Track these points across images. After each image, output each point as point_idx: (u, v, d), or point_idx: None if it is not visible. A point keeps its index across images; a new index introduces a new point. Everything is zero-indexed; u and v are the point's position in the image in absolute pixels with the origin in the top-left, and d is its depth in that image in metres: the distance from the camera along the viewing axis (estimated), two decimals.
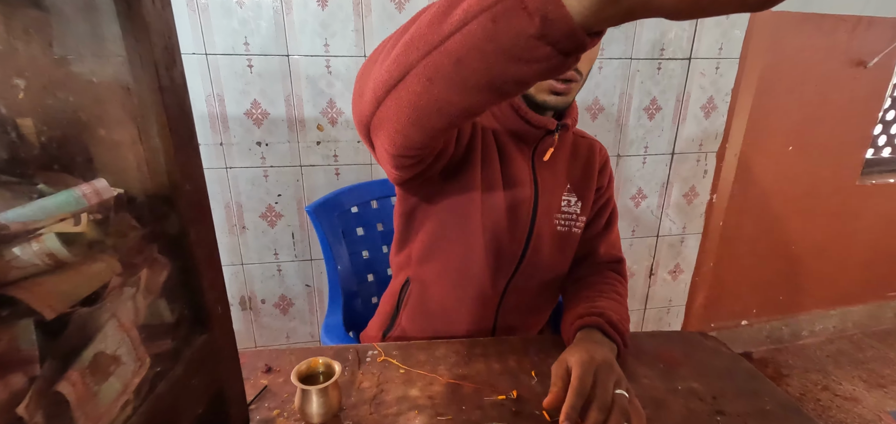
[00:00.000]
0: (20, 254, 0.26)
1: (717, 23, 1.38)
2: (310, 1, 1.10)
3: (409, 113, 0.43)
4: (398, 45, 0.40)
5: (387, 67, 0.41)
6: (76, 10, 0.33)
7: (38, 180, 0.32)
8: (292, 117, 1.20)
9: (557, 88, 0.67)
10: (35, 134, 0.33)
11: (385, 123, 0.46)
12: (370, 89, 0.45)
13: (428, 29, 0.37)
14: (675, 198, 1.57)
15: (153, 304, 0.38)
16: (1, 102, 0.31)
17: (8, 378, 0.25)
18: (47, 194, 0.32)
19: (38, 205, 0.28)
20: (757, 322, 1.87)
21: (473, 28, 0.34)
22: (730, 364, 0.69)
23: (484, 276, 0.75)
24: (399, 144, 0.49)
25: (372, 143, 0.54)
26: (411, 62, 0.39)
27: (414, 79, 0.40)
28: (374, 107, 0.45)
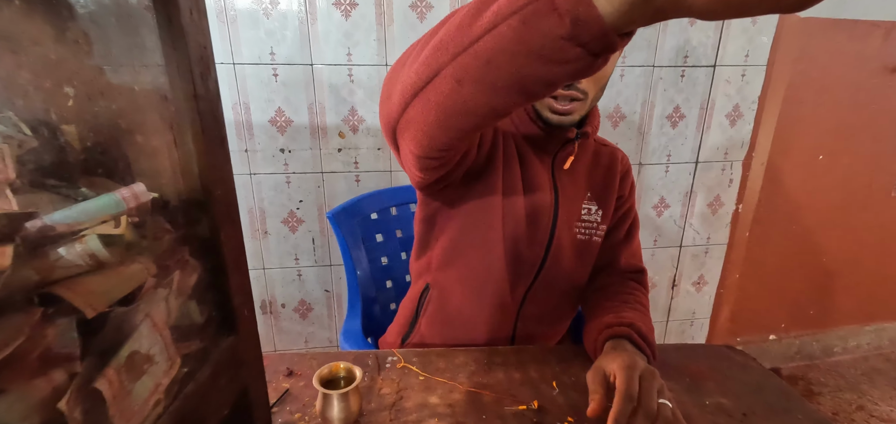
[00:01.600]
0: (65, 255, 0.27)
1: (743, 30, 1.35)
2: (334, 11, 1.12)
3: (436, 114, 0.43)
4: (427, 47, 0.41)
5: (415, 69, 0.42)
6: (119, 22, 0.34)
7: (81, 184, 0.34)
8: (315, 125, 1.22)
9: (556, 108, 0.67)
10: (78, 140, 0.34)
11: (412, 124, 0.47)
12: (398, 91, 0.46)
13: (457, 31, 0.38)
14: (700, 207, 1.54)
15: (183, 306, 0.39)
16: (51, 110, 0.32)
17: (51, 374, 0.25)
18: (89, 197, 0.33)
19: (81, 207, 0.29)
20: (786, 337, 1.80)
21: (503, 30, 0.34)
22: (760, 379, 0.66)
23: (503, 283, 0.75)
24: (425, 146, 0.49)
25: (397, 145, 0.54)
26: (441, 64, 0.39)
27: (443, 81, 0.40)
28: (402, 108, 0.46)
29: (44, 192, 0.31)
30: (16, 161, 0.30)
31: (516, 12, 0.33)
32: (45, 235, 0.27)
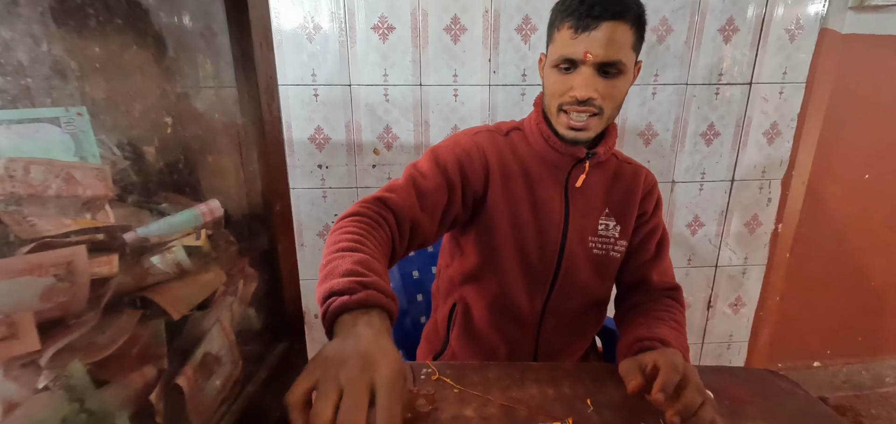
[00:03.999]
0: (156, 263, 0.31)
1: (781, 47, 1.33)
2: (372, 34, 1.18)
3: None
4: (320, 266, 0.52)
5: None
6: (198, 54, 0.38)
7: (160, 200, 0.38)
8: (351, 142, 1.27)
9: (573, 124, 0.70)
10: (158, 159, 0.38)
11: None
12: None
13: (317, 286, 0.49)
14: (736, 227, 1.50)
15: (244, 312, 0.43)
16: (137, 133, 0.36)
17: (144, 370, 0.29)
18: (168, 212, 0.37)
19: (168, 221, 0.33)
20: (832, 364, 1.71)
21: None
22: (805, 407, 0.65)
23: (520, 295, 0.78)
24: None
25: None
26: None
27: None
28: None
29: (129, 207, 0.35)
30: (112, 179, 0.34)
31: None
32: (142, 246, 0.31)
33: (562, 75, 0.68)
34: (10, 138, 0.31)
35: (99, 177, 0.33)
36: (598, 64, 0.65)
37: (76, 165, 0.32)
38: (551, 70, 0.70)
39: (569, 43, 0.65)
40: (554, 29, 0.69)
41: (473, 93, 1.26)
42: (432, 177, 0.70)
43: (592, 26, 0.63)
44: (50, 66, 0.32)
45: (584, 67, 0.66)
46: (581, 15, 0.63)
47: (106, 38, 0.35)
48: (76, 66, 0.34)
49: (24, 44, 0.30)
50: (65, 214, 0.30)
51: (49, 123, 0.33)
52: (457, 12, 1.19)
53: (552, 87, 0.70)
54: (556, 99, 0.70)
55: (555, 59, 0.68)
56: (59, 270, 0.22)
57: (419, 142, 1.29)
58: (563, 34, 0.66)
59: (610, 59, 0.65)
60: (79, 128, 0.34)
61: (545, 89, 0.74)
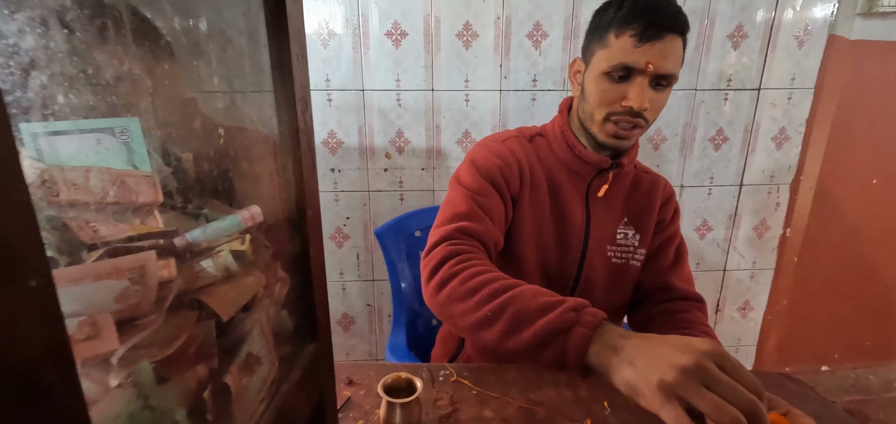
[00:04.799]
0: (206, 267, 0.32)
1: (789, 53, 1.34)
2: (385, 41, 1.20)
3: (474, 340, 0.65)
4: (475, 335, 0.59)
5: (468, 326, 0.59)
6: (237, 64, 0.40)
7: (201, 206, 0.39)
8: (363, 146, 1.29)
9: (619, 133, 0.69)
10: (198, 167, 0.40)
11: (456, 328, 0.64)
12: (452, 326, 0.63)
13: (500, 336, 0.55)
14: (745, 231, 1.51)
15: (277, 314, 0.44)
16: (179, 141, 0.38)
17: (198, 368, 0.30)
18: (210, 217, 0.38)
19: (214, 226, 0.35)
20: (840, 368, 1.72)
21: (528, 352, 0.54)
22: (819, 409, 0.65)
23: None
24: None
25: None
26: (485, 338, 0.57)
27: (482, 342, 0.60)
28: (456, 329, 0.63)
29: (173, 212, 0.37)
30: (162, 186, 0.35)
31: (539, 354, 0.53)
32: (193, 250, 0.32)
33: (614, 84, 0.66)
34: (71, 147, 0.33)
35: (149, 184, 0.34)
36: (655, 75, 0.64)
37: (130, 173, 0.34)
38: (601, 77, 0.67)
39: (631, 51, 0.63)
40: (609, 34, 0.66)
41: (484, 99, 1.28)
42: (487, 192, 0.70)
43: (657, 37, 0.62)
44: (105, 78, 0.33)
45: (641, 77, 0.64)
46: (647, 24, 0.62)
47: (154, 51, 0.37)
48: (127, 78, 0.36)
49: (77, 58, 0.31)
50: (122, 220, 0.32)
51: (105, 133, 0.34)
52: (469, 19, 1.21)
53: (601, 95, 0.68)
54: (605, 107, 0.68)
55: (609, 66, 0.66)
56: (133, 274, 0.24)
57: (431, 147, 1.31)
58: (623, 42, 0.64)
59: (668, 71, 0.64)
60: (131, 137, 0.35)
61: (589, 96, 0.70)
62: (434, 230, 0.69)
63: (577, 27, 1.24)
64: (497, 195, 0.71)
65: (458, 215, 0.68)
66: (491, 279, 0.57)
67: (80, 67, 0.32)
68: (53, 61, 0.28)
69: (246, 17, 0.40)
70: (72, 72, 0.31)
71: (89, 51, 0.32)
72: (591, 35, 0.71)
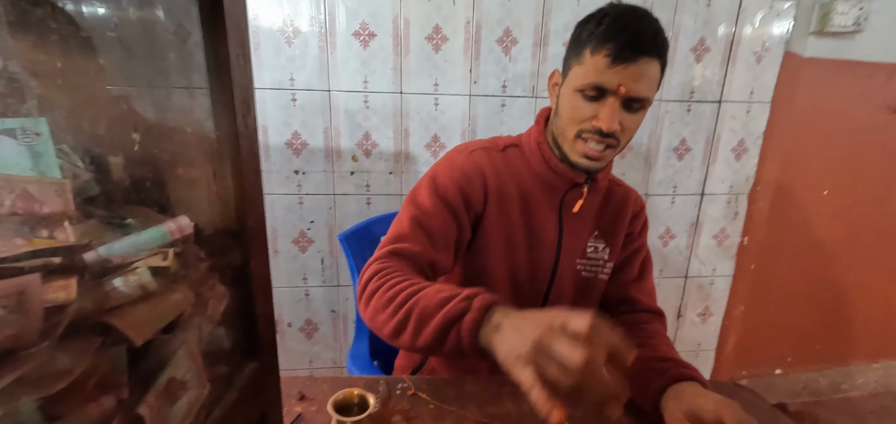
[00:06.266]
0: (119, 286, 0.29)
1: (748, 68, 1.38)
2: (353, 41, 1.17)
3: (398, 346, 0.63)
4: (396, 340, 0.60)
5: (388, 334, 0.61)
6: (168, 62, 0.37)
7: (125, 214, 0.36)
8: (329, 148, 1.25)
9: (590, 153, 0.68)
10: (124, 171, 0.36)
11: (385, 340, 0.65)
12: (378, 330, 0.63)
13: (409, 337, 0.58)
14: (705, 239, 1.55)
15: (212, 332, 0.41)
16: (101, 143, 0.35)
17: (102, 400, 0.27)
18: (134, 228, 0.35)
19: (132, 240, 0.31)
20: (792, 371, 1.79)
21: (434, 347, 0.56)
22: (767, 417, 0.67)
23: None
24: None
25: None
26: (403, 343, 0.59)
27: (405, 348, 0.61)
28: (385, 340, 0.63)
29: (92, 222, 0.33)
30: (73, 193, 0.32)
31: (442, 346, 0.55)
32: (103, 267, 0.29)
33: (586, 102, 0.65)
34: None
35: (58, 193, 0.31)
36: (627, 98, 0.63)
37: (33, 180, 0.30)
38: (574, 94, 0.66)
39: (604, 71, 0.62)
40: (585, 51, 0.65)
41: (454, 103, 1.27)
42: (436, 213, 0.70)
43: (631, 59, 0.61)
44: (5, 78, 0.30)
45: (613, 99, 0.63)
46: (623, 44, 0.61)
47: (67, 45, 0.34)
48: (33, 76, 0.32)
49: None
50: (19, 233, 0.29)
51: (4, 136, 0.31)
52: (439, 22, 1.19)
53: (573, 113, 0.67)
54: (575, 125, 0.67)
55: (582, 84, 0.65)
56: (9, 301, 0.21)
57: (399, 150, 1.28)
58: (597, 61, 0.63)
59: (641, 95, 0.64)
60: (37, 140, 0.32)
61: (562, 112, 0.70)
62: (376, 251, 0.71)
63: (547, 35, 1.25)
64: (450, 216, 0.71)
65: (397, 236, 0.69)
66: (404, 286, 0.59)
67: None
68: None
69: (179, 7, 0.36)
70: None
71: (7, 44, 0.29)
72: (571, 48, 0.69)
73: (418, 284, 0.60)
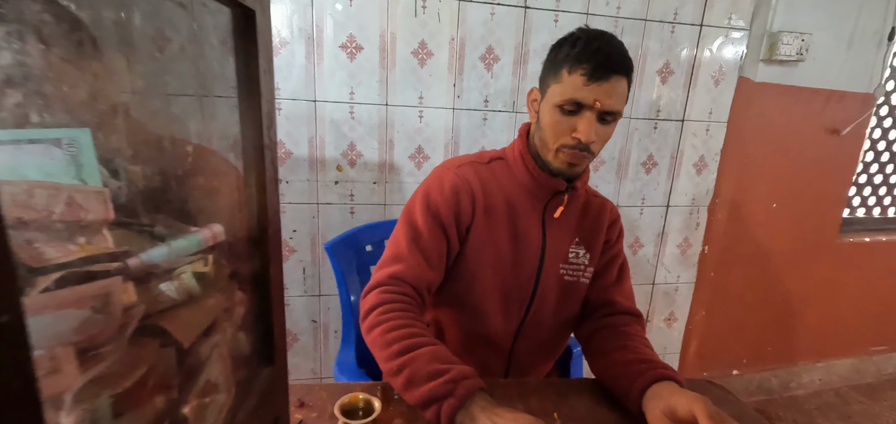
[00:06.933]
0: (167, 290, 0.30)
1: (707, 90, 1.50)
2: (340, 53, 1.18)
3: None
4: (390, 379, 0.67)
5: (383, 371, 0.69)
6: (206, 79, 0.38)
7: (153, 222, 0.37)
8: (314, 158, 1.25)
9: (571, 161, 0.74)
10: (148, 180, 0.37)
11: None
12: (376, 356, 0.71)
13: (400, 388, 0.64)
14: (670, 248, 1.65)
15: (234, 337, 0.42)
16: (132, 154, 0.36)
17: (155, 399, 0.28)
18: (163, 235, 0.36)
19: (173, 246, 0.33)
20: (747, 372, 1.92)
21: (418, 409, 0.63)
22: (737, 411, 0.73)
23: (496, 321, 0.81)
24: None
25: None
26: (390, 382, 0.66)
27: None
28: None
29: (122, 230, 0.34)
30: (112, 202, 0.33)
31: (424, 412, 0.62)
32: (150, 272, 0.30)
33: (565, 116, 0.71)
34: (11, 160, 0.29)
35: (99, 201, 0.32)
36: (602, 112, 0.70)
37: (78, 188, 0.31)
38: (553, 109, 0.72)
39: (581, 88, 0.69)
40: (562, 70, 0.71)
41: (438, 116, 1.30)
42: (430, 232, 0.76)
43: (604, 77, 0.68)
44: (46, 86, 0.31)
45: (589, 113, 0.70)
46: (596, 65, 0.68)
47: (102, 56, 0.35)
48: (72, 86, 0.33)
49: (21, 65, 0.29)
50: (68, 240, 0.30)
51: (51, 145, 0.31)
52: (424, 38, 1.23)
53: (554, 127, 0.73)
54: (557, 138, 0.73)
55: (561, 100, 0.71)
56: (97, 302, 0.22)
57: (383, 161, 1.30)
58: (574, 79, 0.69)
59: (614, 109, 0.70)
60: (80, 149, 0.32)
61: (543, 126, 0.75)
62: (377, 269, 0.76)
63: (527, 54, 1.31)
64: (441, 235, 0.77)
65: (396, 256, 0.75)
66: (403, 335, 0.66)
67: (22, 72, 0.29)
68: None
69: (216, 24, 0.38)
70: (15, 76, 0.29)
71: (38, 56, 0.29)
72: (548, 68, 0.76)
73: (417, 337, 0.66)
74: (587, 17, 1.33)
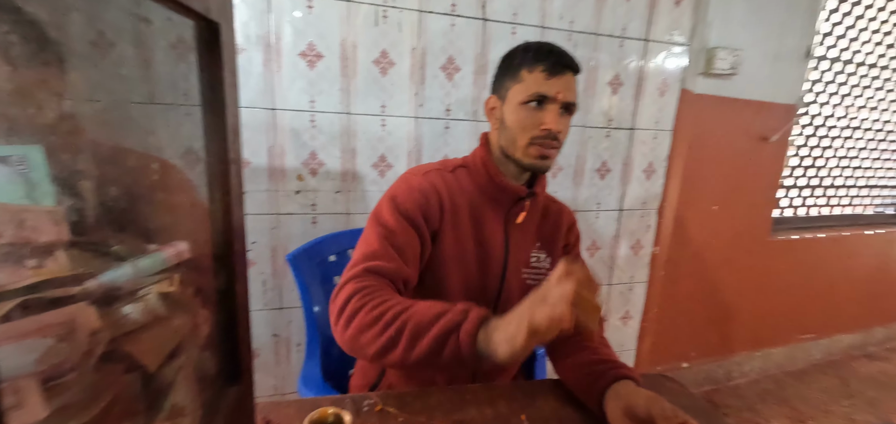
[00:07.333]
0: (130, 313, 0.29)
1: (653, 100, 1.60)
2: (299, 61, 1.16)
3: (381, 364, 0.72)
4: (384, 359, 0.64)
5: (375, 352, 0.64)
6: (168, 92, 0.37)
7: (110, 242, 0.35)
8: (274, 167, 1.22)
9: (544, 153, 0.77)
10: (108, 198, 0.36)
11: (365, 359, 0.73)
12: (365, 359, 0.73)
13: (402, 352, 0.62)
14: (624, 249, 1.74)
15: (200, 357, 0.40)
16: (89, 170, 0.34)
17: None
18: (122, 255, 0.34)
19: (135, 266, 0.31)
20: (696, 364, 2.05)
21: (430, 358, 0.60)
22: (689, 404, 0.78)
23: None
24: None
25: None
26: (391, 360, 0.63)
27: (390, 364, 0.66)
28: (365, 357, 0.67)
29: (76, 250, 0.33)
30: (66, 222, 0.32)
31: (439, 356, 0.60)
32: (112, 295, 0.29)
33: (531, 112, 0.76)
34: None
35: (53, 221, 0.30)
36: (563, 103, 0.76)
37: (29, 209, 0.30)
38: (519, 107, 0.77)
39: (543, 83, 0.75)
40: (521, 71, 0.77)
41: (400, 125, 1.31)
42: (402, 231, 0.75)
43: (561, 73, 0.75)
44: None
45: (553, 105, 0.76)
46: (553, 62, 0.75)
47: (59, 69, 0.33)
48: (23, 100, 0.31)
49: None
50: (20, 264, 0.28)
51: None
52: (386, 47, 1.23)
53: (522, 123, 0.77)
54: (527, 132, 0.77)
55: (526, 96, 0.76)
56: (61, 330, 0.21)
57: (346, 170, 1.29)
58: (536, 76, 0.75)
59: (573, 100, 0.77)
60: (31, 167, 0.31)
61: (510, 126, 0.78)
62: (346, 271, 0.73)
63: (487, 64, 1.34)
64: (414, 232, 0.76)
65: (369, 255, 0.72)
66: (392, 305, 0.64)
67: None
68: None
69: (177, 33, 0.37)
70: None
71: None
72: (503, 75, 0.80)
73: (405, 302, 0.64)
74: (543, 31, 1.38)
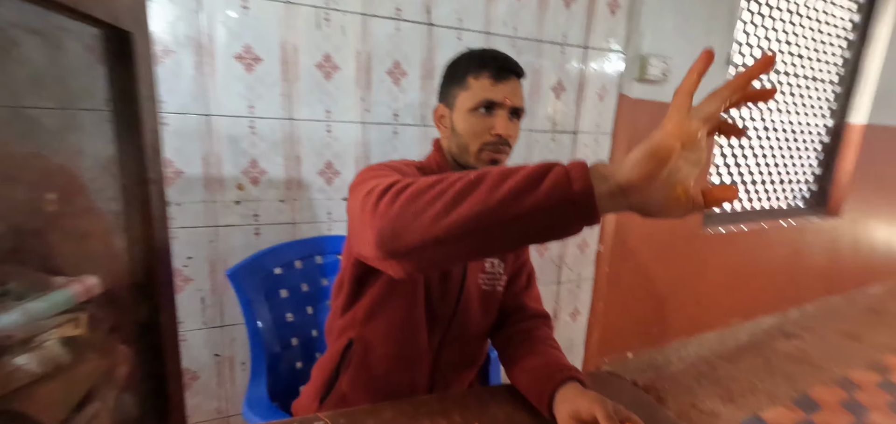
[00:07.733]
0: (25, 364, 0.25)
1: (594, 105, 1.68)
2: (235, 64, 1.10)
3: (451, 258, 0.53)
4: (457, 212, 0.46)
5: (444, 204, 0.46)
6: (84, 109, 0.33)
7: (6, 278, 0.31)
8: (210, 176, 1.14)
9: (496, 158, 0.78)
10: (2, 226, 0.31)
11: (425, 259, 0.51)
12: (420, 236, 0.48)
13: (489, 214, 0.44)
14: (572, 248, 1.80)
15: (118, 401, 0.37)
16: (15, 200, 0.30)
17: None
18: (17, 292, 0.30)
19: (33, 307, 0.27)
20: (639, 354, 2.17)
21: (532, 220, 0.44)
22: (632, 399, 0.82)
23: (422, 334, 0.81)
24: (425, 268, 0.61)
25: (389, 259, 0.52)
26: (472, 229, 0.45)
27: (469, 242, 0.47)
28: (423, 249, 0.48)
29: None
30: None
31: (544, 210, 0.44)
32: (2, 345, 0.25)
33: (480, 118, 0.76)
34: None
35: None
36: (511, 108, 0.77)
37: None
38: (468, 114, 0.77)
39: (490, 89, 0.75)
40: (467, 78, 0.77)
41: (347, 130, 1.27)
42: (406, 174, 0.63)
43: (507, 78, 0.76)
44: None
45: (502, 110, 0.76)
46: (498, 68, 0.76)
47: None
48: None
49: None
50: None
51: None
52: (329, 51, 1.20)
53: (473, 129, 0.77)
54: (478, 138, 0.77)
55: (474, 102, 0.76)
56: None
57: (290, 178, 1.24)
58: (482, 82, 0.76)
59: (520, 105, 0.78)
60: None
61: (461, 133, 0.78)
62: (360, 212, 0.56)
63: (433, 69, 1.34)
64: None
65: (397, 167, 0.71)
66: (451, 177, 0.49)
67: None
68: None
69: (81, 44, 0.33)
70: None
71: None
72: (449, 83, 0.81)
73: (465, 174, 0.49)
74: (487, 36, 1.40)
